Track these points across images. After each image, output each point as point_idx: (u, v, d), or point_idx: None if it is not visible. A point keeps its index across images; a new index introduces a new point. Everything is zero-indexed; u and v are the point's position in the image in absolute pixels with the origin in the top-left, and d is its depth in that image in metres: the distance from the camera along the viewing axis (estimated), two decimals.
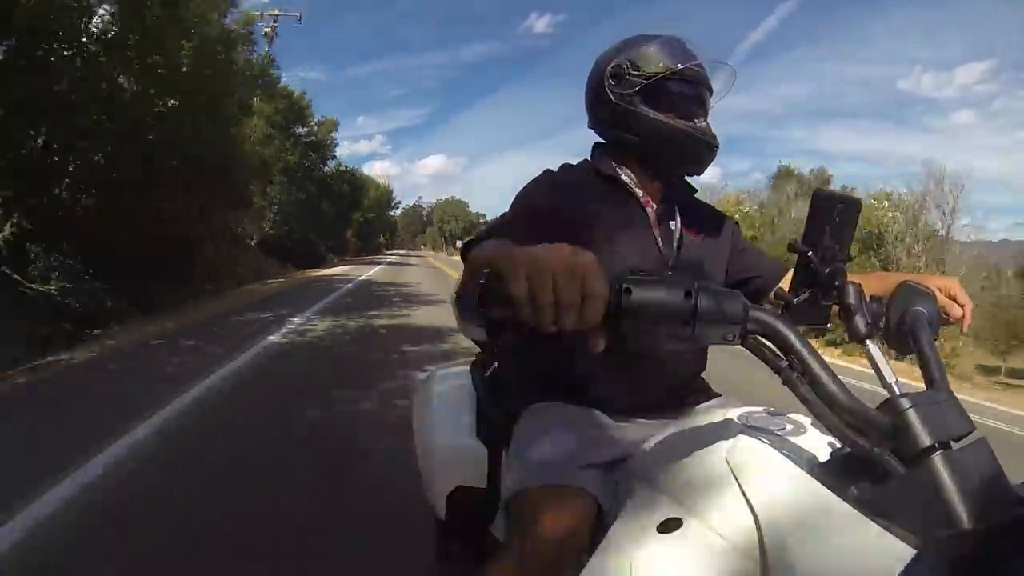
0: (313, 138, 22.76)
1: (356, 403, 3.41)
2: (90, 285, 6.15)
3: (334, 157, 26.10)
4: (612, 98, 0.93)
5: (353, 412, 3.26)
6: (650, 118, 0.91)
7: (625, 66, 0.93)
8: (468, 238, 0.86)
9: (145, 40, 7.22)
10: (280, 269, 15.86)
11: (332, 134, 20.10)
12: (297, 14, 19.82)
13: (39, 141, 6.75)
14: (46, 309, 5.28)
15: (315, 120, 22.66)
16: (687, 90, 0.92)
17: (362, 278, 15.19)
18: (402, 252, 59.89)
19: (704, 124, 0.93)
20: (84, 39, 6.91)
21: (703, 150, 0.92)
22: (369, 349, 5.23)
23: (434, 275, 18.19)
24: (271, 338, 5.35)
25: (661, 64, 0.91)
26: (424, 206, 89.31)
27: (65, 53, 6.68)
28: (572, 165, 1.02)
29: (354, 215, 34.14)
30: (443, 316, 7.13)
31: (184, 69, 7.99)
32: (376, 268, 21.56)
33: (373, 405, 3.40)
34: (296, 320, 6.62)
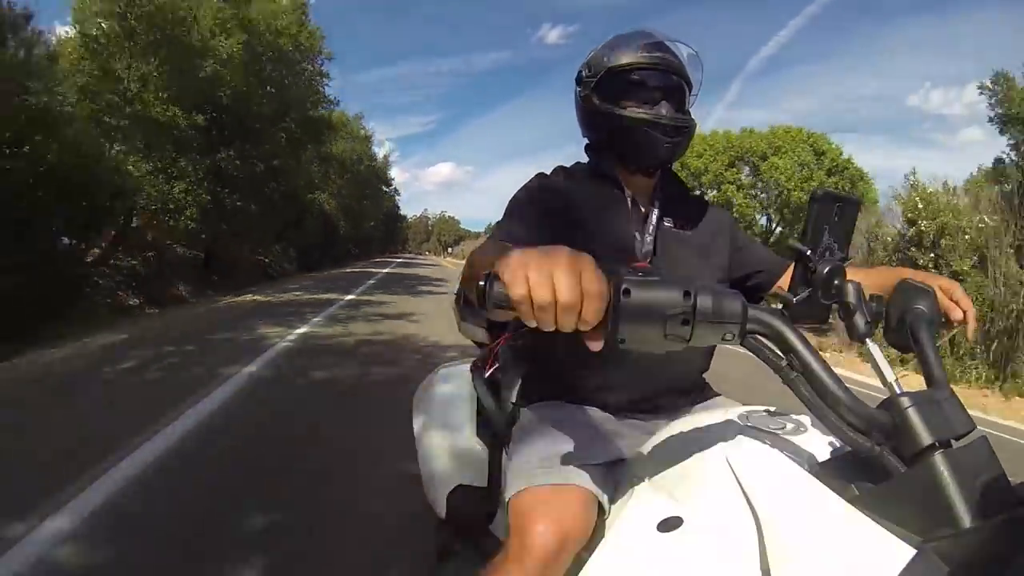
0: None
1: (414, 265, 33.06)
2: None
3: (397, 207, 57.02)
4: (579, 100, 0.97)
5: (415, 274, 21.40)
6: (604, 111, 0.92)
7: (583, 69, 0.96)
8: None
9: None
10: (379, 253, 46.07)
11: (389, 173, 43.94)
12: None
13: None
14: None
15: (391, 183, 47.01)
16: (647, 79, 0.90)
17: (406, 255, 63.07)
18: (410, 255, 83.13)
19: (666, 110, 0.90)
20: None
21: (660, 134, 0.89)
22: (413, 263, 36.55)
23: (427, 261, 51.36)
24: (387, 270, 22.72)
25: (613, 58, 0.92)
26: (429, 218, 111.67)
27: None
28: (565, 167, 1.03)
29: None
30: (424, 265, 33.45)
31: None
32: (404, 258, 53.21)
33: (418, 269, 26.78)
34: (399, 260, 43.00)
